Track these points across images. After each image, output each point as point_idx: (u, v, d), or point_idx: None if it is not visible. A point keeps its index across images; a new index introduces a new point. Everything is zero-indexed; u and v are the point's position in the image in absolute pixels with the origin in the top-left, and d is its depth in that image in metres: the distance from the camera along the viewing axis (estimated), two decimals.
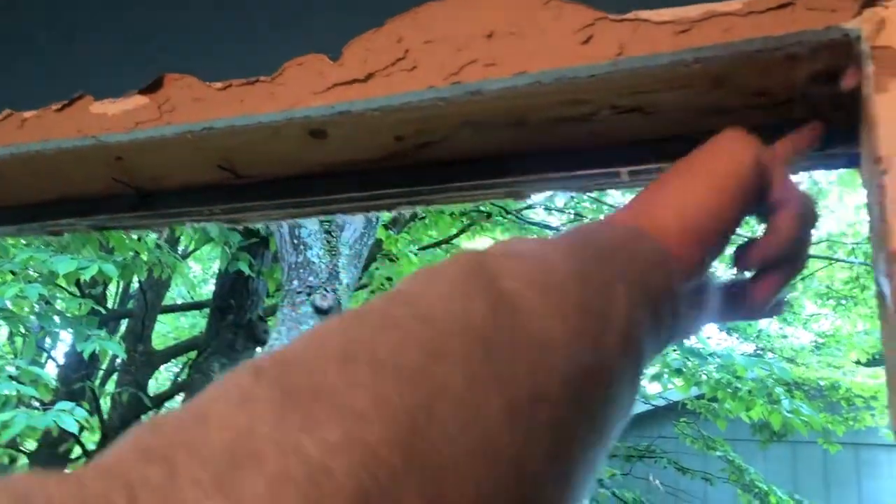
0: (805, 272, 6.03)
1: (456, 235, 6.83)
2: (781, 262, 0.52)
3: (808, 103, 0.56)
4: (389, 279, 5.30)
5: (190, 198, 0.76)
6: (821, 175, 5.75)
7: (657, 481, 6.33)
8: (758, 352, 5.82)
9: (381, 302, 0.34)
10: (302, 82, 0.62)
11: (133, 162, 0.73)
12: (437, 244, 6.74)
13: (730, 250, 0.53)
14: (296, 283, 3.48)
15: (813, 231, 0.52)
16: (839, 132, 0.56)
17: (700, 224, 0.46)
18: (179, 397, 7.72)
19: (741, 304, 0.54)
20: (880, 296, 0.48)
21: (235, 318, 4.56)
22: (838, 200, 5.87)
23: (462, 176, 0.67)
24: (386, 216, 4.83)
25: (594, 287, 0.37)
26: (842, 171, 0.60)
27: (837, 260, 5.59)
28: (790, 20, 0.50)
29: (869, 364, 5.59)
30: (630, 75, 0.54)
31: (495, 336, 0.32)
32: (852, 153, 0.57)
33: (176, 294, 8.84)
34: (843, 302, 5.93)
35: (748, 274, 0.54)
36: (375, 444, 0.26)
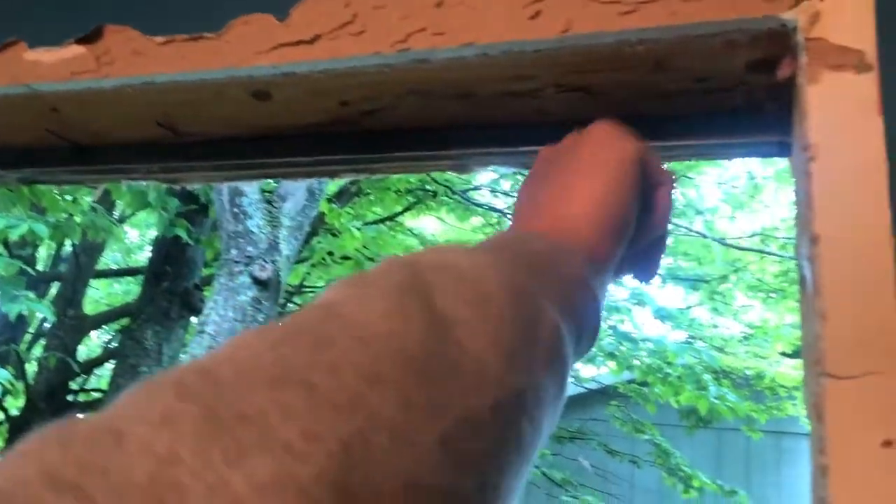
0: (738, 265, 6.19)
1: (401, 213, 6.82)
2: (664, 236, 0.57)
3: (745, 91, 0.58)
4: (331, 253, 5.26)
5: (127, 154, 0.75)
6: (757, 170, 5.91)
7: (587, 462, 6.47)
8: (689, 340, 5.98)
9: (315, 315, 0.32)
10: (247, 41, 0.61)
11: (68, 114, 0.70)
12: (381, 221, 6.71)
13: None
14: (234, 252, 3.43)
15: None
16: (773, 121, 0.58)
17: (609, 218, 0.48)
18: (110, 364, 7.56)
19: (629, 271, 0.58)
20: (801, 279, 0.50)
21: (171, 285, 4.47)
22: (773, 196, 6.05)
23: (407, 146, 0.67)
24: (331, 188, 4.79)
25: (525, 306, 0.37)
26: (775, 159, 0.61)
27: (769, 253, 5.76)
28: (731, 7, 0.52)
29: (793, 356, 5.80)
30: (575, 53, 0.55)
31: (431, 360, 0.31)
32: (785, 142, 0.59)
33: (110, 259, 8.63)
34: (773, 295, 6.12)
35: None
36: (307, 483, 0.24)
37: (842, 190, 0.44)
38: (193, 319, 4.67)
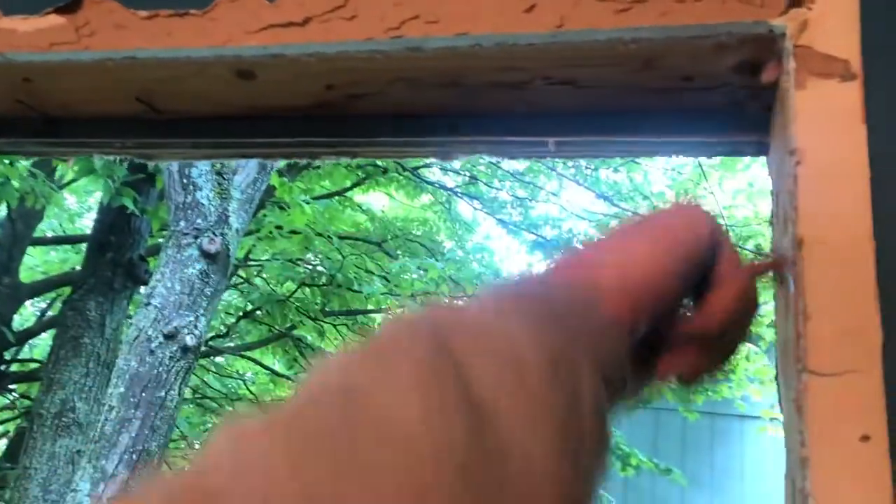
0: None
1: (350, 188, 6.77)
2: (708, 341, 0.49)
3: (727, 92, 0.59)
4: (279, 227, 5.21)
5: (101, 128, 0.73)
6: (703, 158, 6.03)
7: None
8: None
9: (335, 410, 0.27)
10: (235, 20, 0.61)
11: (41, 85, 0.69)
12: (330, 195, 6.66)
13: None
14: (183, 224, 3.37)
15: (750, 320, 0.49)
16: (752, 121, 0.60)
17: (640, 287, 0.43)
18: (46, 334, 7.36)
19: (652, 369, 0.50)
20: (779, 277, 0.52)
21: (115, 255, 4.37)
22: (717, 184, 6.19)
23: (391, 131, 0.67)
24: (281, 162, 4.73)
25: (566, 376, 0.34)
26: (752, 158, 0.63)
27: None
28: (722, 11, 0.53)
29: None
30: (568, 48, 0.56)
31: (477, 465, 0.27)
32: (762, 142, 0.61)
33: (46, 226, 8.37)
34: None
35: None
36: None
37: (826, 194, 0.46)
38: (141, 289, 4.59)
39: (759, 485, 7.10)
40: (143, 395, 2.96)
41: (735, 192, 6.50)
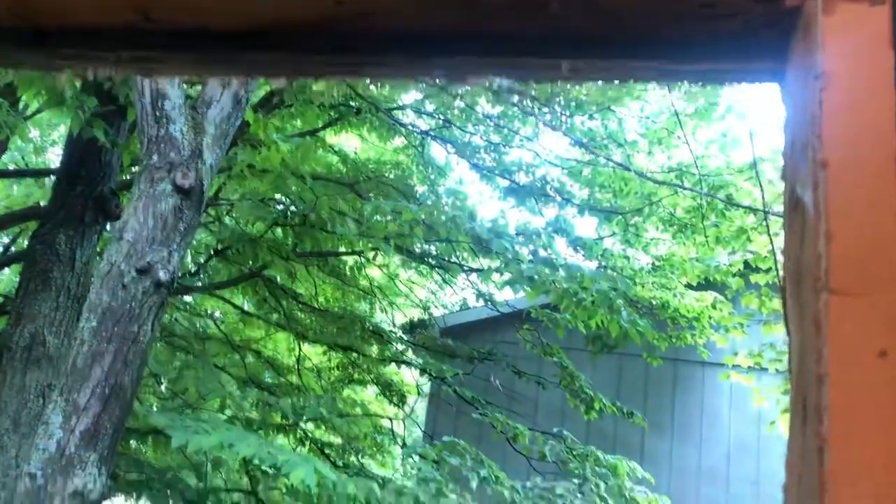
0: (653, 198, 6.37)
1: (322, 128, 6.68)
2: None
3: (744, 18, 0.59)
4: (251, 166, 5.13)
5: (95, 41, 0.70)
6: (679, 105, 6.03)
7: (497, 382, 6.68)
8: (600, 269, 6.16)
9: None
10: None
11: None
12: (302, 135, 6.57)
13: None
14: (155, 158, 3.30)
15: None
16: (768, 48, 0.59)
17: None
18: (9, 269, 7.25)
19: None
20: (793, 203, 0.52)
21: (85, 189, 4.28)
22: (691, 133, 6.20)
23: (398, 52, 0.65)
24: (255, 98, 4.63)
25: None
26: (762, 84, 0.63)
27: (684, 188, 5.94)
28: None
29: (697, 288, 6.07)
30: None
31: None
32: (776, 69, 0.60)
33: (8, 159, 8.17)
34: (684, 230, 6.35)
35: None
36: None
37: (851, 117, 0.46)
38: (109, 226, 4.52)
39: (718, 430, 7.30)
40: (116, 329, 2.93)
41: (708, 142, 6.52)
